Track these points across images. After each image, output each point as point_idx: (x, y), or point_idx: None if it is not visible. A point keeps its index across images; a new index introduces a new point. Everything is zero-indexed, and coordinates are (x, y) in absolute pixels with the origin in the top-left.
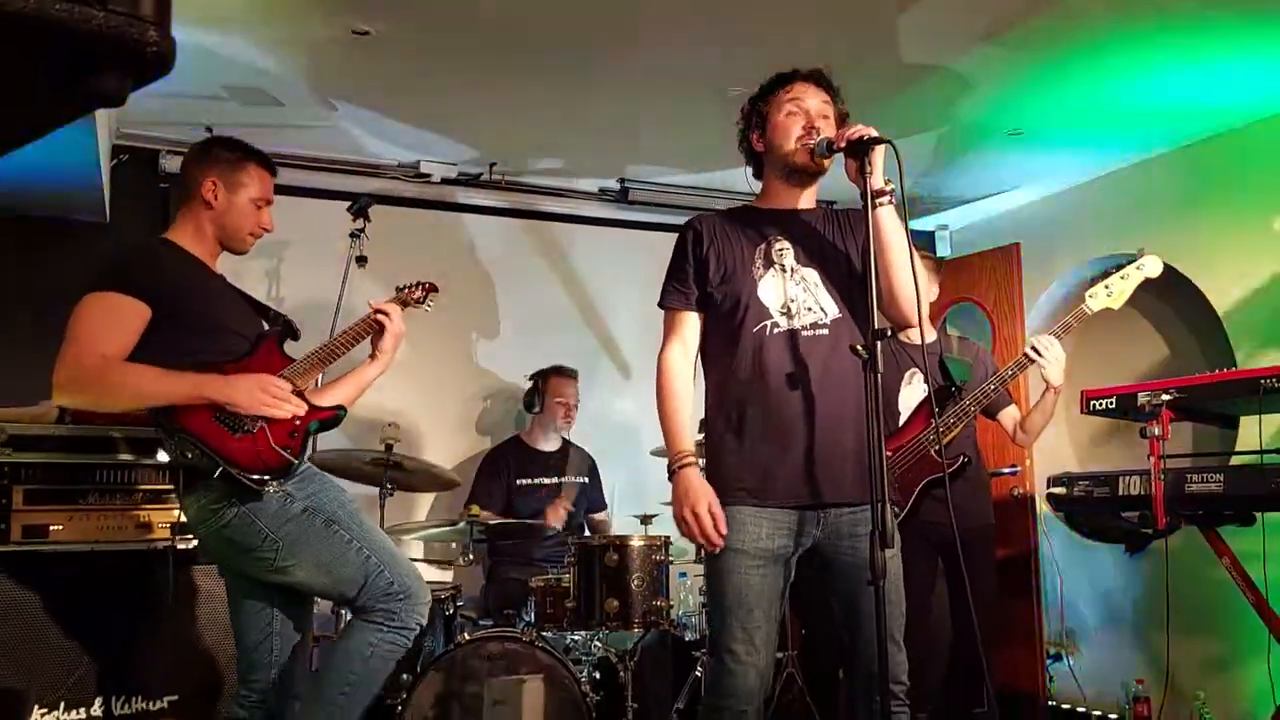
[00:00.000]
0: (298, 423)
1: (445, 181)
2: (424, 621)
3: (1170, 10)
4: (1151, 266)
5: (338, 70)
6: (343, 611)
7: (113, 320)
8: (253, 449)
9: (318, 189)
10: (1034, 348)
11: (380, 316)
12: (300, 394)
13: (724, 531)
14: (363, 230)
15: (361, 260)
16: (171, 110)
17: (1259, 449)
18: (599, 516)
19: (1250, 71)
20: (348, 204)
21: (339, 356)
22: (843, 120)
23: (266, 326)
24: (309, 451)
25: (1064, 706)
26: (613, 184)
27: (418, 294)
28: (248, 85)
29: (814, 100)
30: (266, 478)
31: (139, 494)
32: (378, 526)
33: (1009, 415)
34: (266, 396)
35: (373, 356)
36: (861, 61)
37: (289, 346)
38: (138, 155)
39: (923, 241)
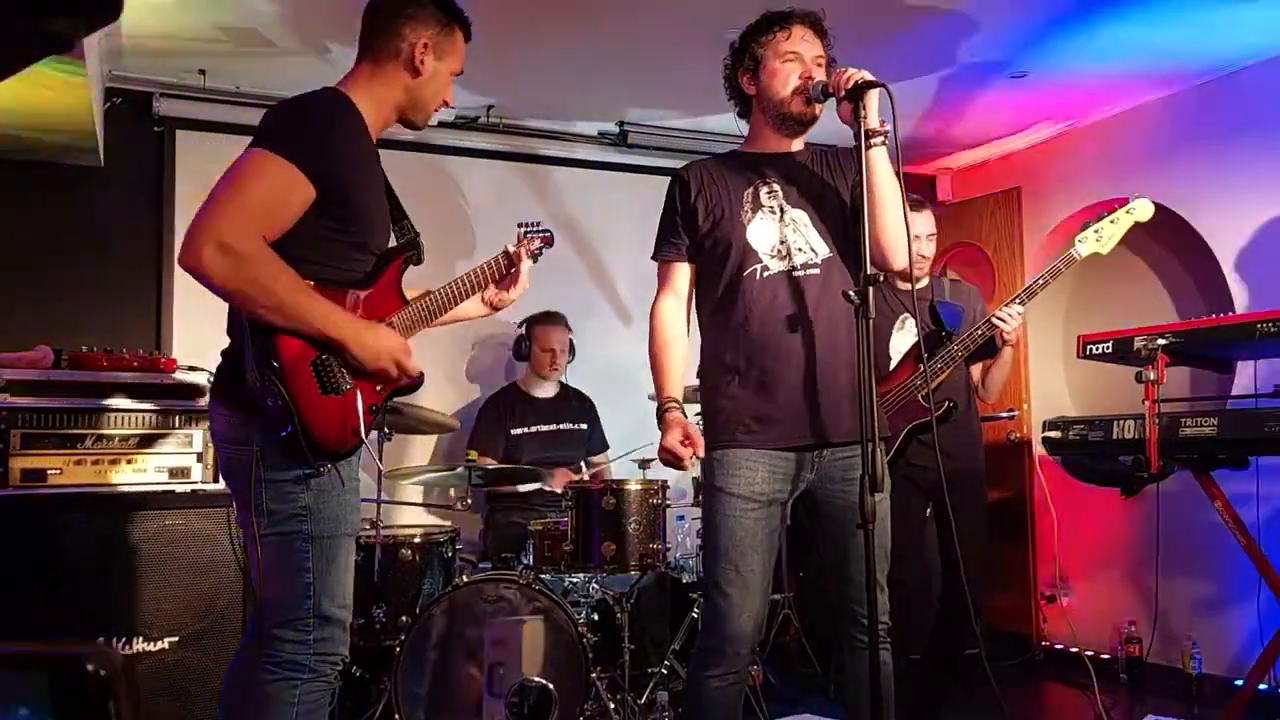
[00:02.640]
0: (380, 390)
1: (442, 125)
2: (338, 665)
3: None
4: (1141, 210)
5: (332, 11)
6: None
7: (282, 198)
8: (334, 417)
9: None
10: (999, 316)
11: (518, 254)
12: None
13: (699, 452)
14: None
15: None
16: (165, 53)
17: (1254, 393)
18: (599, 459)
19: (1253, 13)
20: None
21: (449, 309)
22: (830, 65)
23: (394, 241)
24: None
25: (1057, 647)
26: (612, 127)
27: (536, 245)
28: (241, 27)
29: (810, 50)
30: (325, 457)
31: (137, 438)
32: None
33: (974, 369)
34: (392, 367)
35: (486, 301)
36: (863, 2)
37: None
38: (131, 98)
39: (923, 185)
